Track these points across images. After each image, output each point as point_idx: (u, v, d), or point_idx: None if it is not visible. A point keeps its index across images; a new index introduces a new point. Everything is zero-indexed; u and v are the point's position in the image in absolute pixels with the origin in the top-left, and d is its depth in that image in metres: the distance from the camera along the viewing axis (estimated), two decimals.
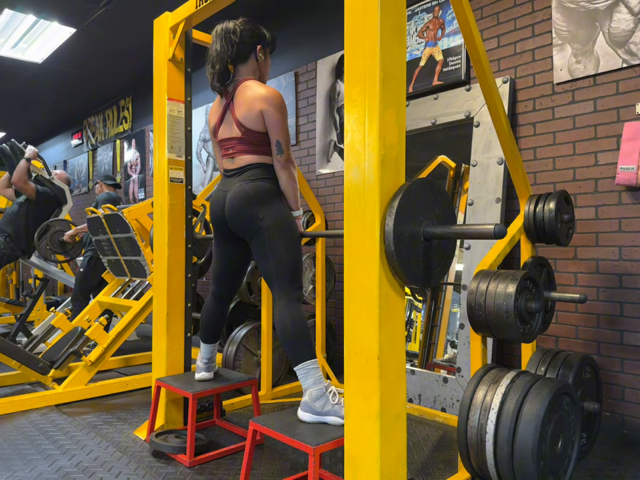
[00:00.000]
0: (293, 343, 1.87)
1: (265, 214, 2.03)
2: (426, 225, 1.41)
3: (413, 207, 1.37)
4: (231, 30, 2.07)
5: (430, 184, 1.45)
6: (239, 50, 2.07)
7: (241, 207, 2.05)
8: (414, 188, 1.37)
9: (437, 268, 1.47)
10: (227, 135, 2.13)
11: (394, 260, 1.31)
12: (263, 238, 2.02)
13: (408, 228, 1.36)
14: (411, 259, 1.37)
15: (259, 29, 2.15)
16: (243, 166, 2.09)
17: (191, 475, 2.08)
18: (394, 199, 1.33)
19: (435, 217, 1.44)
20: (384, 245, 1.32)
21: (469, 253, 2.82)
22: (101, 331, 3.13)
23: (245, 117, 2.03)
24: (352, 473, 1.38)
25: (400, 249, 1.32)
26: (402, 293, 1.39)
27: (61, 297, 6.39)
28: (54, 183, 4.63)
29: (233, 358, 3.03)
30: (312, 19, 4.15)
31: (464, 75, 3.07)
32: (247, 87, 2.05)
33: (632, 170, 2.36)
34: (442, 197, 1.49)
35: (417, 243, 1.39)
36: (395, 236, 1.30)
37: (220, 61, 2.06)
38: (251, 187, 2.05)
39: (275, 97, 2.00)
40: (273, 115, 2.00)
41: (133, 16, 4.52)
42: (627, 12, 2.43)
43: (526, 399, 1.54)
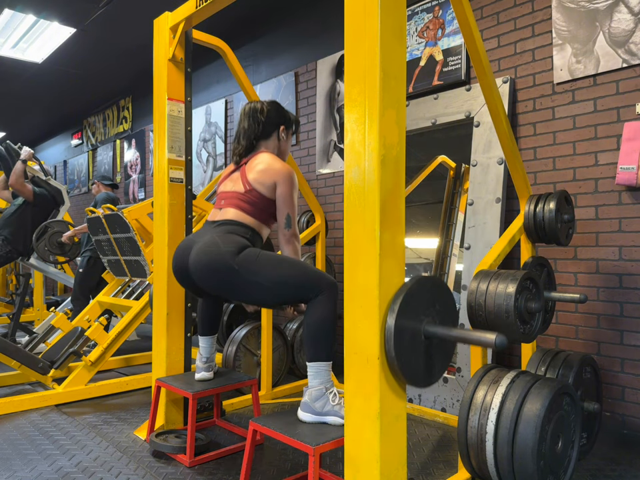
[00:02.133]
0: (311, 339, 1.82)
1: (239, 261, 1.85)
2: (427, 322, 1.39)
3: (414, 306, 1.35)
4: (258, 110, 2.18)
5: (431, 280, 1.43)
6: (264, 128, 2.18)
7: (208, 259, 1.88)
8: (415, 288, 1.35)
9: (438, 365, 1.46)
10: (228, 189, 2.14)
11: (395, 365, 1.30)
12: (243, 277, 1.84)
13: (408, 328, 1.34)
14: (412, 361, 1.36)
15: (284, 112, 2.26)
16: (225, 219, 2.03)
17: (191, 475, 2.08)
18: (395, 300, 1.32)
19: (435, 312, 1.42)
20: (384, 347, 1.31)
21: (469, 253, 2.82)
22: (101, 330, 3.13)
23: (256, 180, 2.05)
24: (352, 472, 1.38)
25: (400, 352, 1.31)
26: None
27: (61, 297, 6.40)
28: (50, 184, 4.62)
29: (232, 358, 3.03)
30: (312, 19, 4.15)
31: (464, 75, 3.07)
32: (263, 157, 2.11)
33: (632, 170, 2.36)
34: (442, 291, 1.47)
35: (417, 343, 1.38)
36: (395, 338, 1.29)
37: (247, 138, 2.17)
38: (223, 238, 1.92)
39: (291, 173, 2.07)
40: (286, 189, 2.04)
41: (132, 16, 4.52)
42: (627, 12, 2.43)
43: (526, 399, 1.54)
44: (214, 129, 5.23)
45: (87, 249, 4.33)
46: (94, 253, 4.23)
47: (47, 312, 5.45)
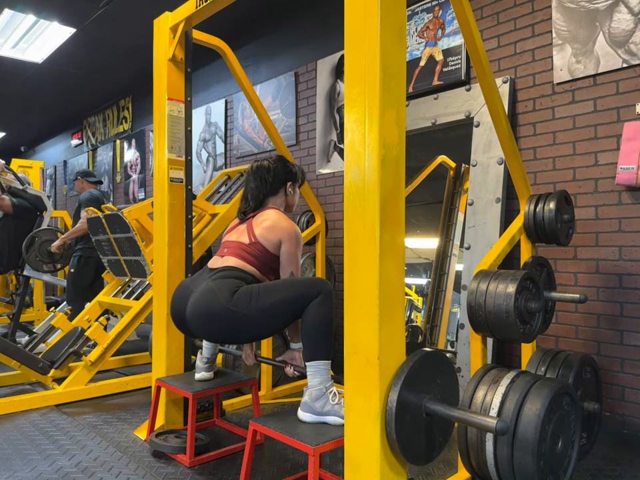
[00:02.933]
0: (310, 339, 1.84)
1: (234, 301, 1.85)
2: (428, 399, 1.39)
3: (416, 384, 1.35)
4: (265, 169, 2.23)
5: (432, 356, 1.43)
6: (271, 187, 2.23)
7: (204, 308, 1.89)
8: (418, 365, 1.35)
9: (439, 438, 1.46)
10: (233, 239, 2.16)
11: (396, 447, 1.31)
12: (241, 316, 1.84)
13: (410, 407, 1.34)
14: (413, 440, 1.36)
15: (291, 167, 2.30)
16: (225, 266, 2.03)
17: (191, 475, 2.08)
18: (397, 379, 1.32)
19: (437, 388, 1.42)
20: (385, 429, 1.31)
21: (469, 253, 2.82)
22: (101, 330, 3.13)
23: (262, 235, 2.07)
24: (352, 473, 1.38)
25: (402, 432, 1.31)
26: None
27: (61, 297, 6.39)
28: (29, 192, 4.58)
29: (233, 358, 3.03)
30: (312, 19, 4.15)
31: (464, 75, 3.07)
32: (270, 214, 2.13)
33: (632, 170, 2.36)
34: (444, 366, 1.46)
35: (418, 421, 1.38)
36: (396, 420, 1.29)
37: (255, 198, 2.21)
38: (219, 284, 1.92)
39: (297, 232, 2.10)
40: (291, 248, 2.07)
41: (132, 16, 4.52)
42: (627, 12, 2.43)
43: (526, 399, 1.54)
44: (214, 129, 5.23)
45: (77, 249, 4.28)
46: (84, 252, 4.20)
47: (46, 312, 5.44)
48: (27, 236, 4.37)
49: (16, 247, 4.44)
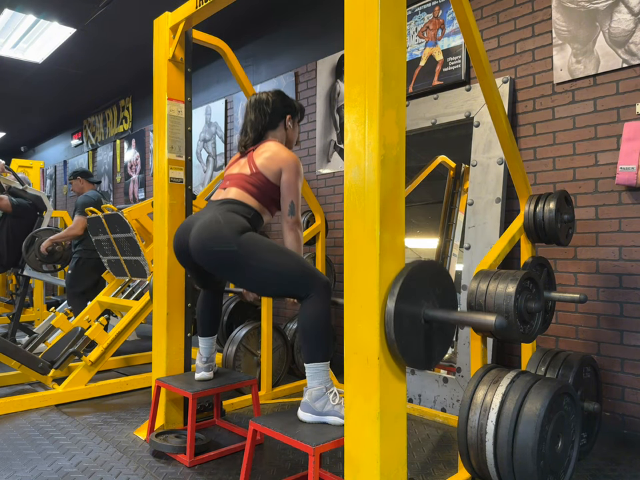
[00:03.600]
0: (307, 341, 1.82)
1: (239, 242, 1.87)
2: (426, 306, 1.40)
3: (414, 289, 1.36)
4: (264, 101, 2.22)
5: (430, 265, 1.44)
6: (270, 119, 2.22)
7: (208, 236, 1.89)
8: (415, 272, 1.36)
9: (438, 348, 1.47)
10: (235, 171, 2.17)
11: (395, 348, 1.31)
12: (241, 259, 1.85)
13: (408, 312, 1.35)
14: (412, 344, 1.37)
15: (289, 100, 2.29)
16: (228, 198, 2.05)
17: (191, 475, 2.08)
18: (395, 284, 1.33)
19: (435, 297, 1.44)
20: (384, 330, 1.32)
21: (469, 253, 2.82)
22: (101, 330, 3.13)
23: (263, 165, 2.08)
24: (352, 473, 1.38)
25: (400, 335, 1.32)
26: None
27: (61, 297, 6.39)
28: (28, 192, 4.58)
29: (232, 358, 3.03)
30: (312, 19, 4.16)
31: (464, 75, 3.07)
32: (270, 145, 2.15)
33: (632, 170, 2.36)
34: (442, 276, 1.48)
35: (417, 326, 1.39)
36: (395, 322, 1.30)
37: (254, 130, 2.20)
38: (226, 216, 1.94)
39: (297, 162, 2.11)
40: (291, 177, 2.07)
41: (132, 16, 4.52)
42: (627, 12, 2.43)
43: (526, 399, 1.54)
44: (214, 129, 5.23)
45: (75, 251, 4.28)
46: (83, 254, 4.19)
47: (46, 312, 5.44)
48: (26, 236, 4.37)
49: (15, 247, 4.44)
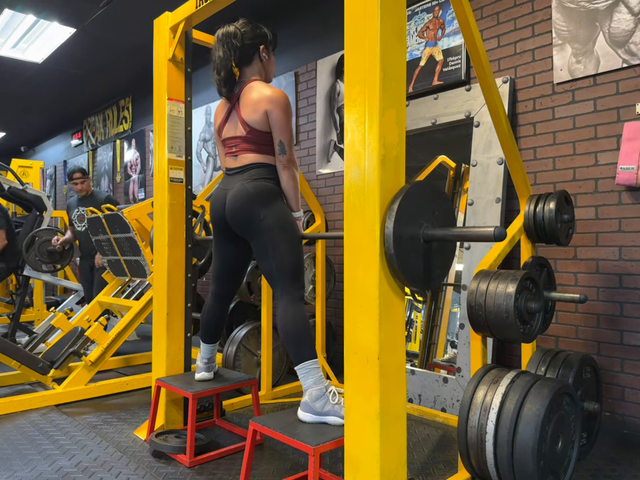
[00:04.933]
0: (294, 342, 1.87)
1: (267, 214, 2.02)
2: (425, 227, 1.41)
3: (413, 209, 1.37)
4: (232, 34, 2.07)
5: (429, 186, 1.45)
6: (241, 53, 2.09)
7: (242, 207, 2.04)
8: (413, 191, 1.37)
9: (437, 270, 1.47)
10: (232, 134, 2.15)
11: (394, 262, 1.31)
12: (265, 238, 2.02)
13: (407, 230, 1.35)
14: (411, 262, 1.37)
15: (260, 29, 2.15)
16: (245, 164, 2.10)
17: (191, 475, 2.08)
18: (393, 202, 1.33)
19: (434, 219, 1.44)
20: (384, 247, 1.32)
21: (469, 253, 2.82)
22: (101, 330, 3.13)
23: (250, 117, 2.05)
24: (352, 473, 1.38)
25: (400, 251, 1.32)
26: (402, 294, 1.39)
27: (61, 297, 6.39)
28: (28, 192, 4.57)
29: (232, 358, 3.03)
30: (312, 19, 4.15)
31: (464, 75, 3.07)
32: (252, 87, 2.08)
33: (632, 170, 2.36)
34: (441, 199, 1.49)
35: (416, 246, 1.39)
36: (394, 239, 1.30)
37: (224, 67, 2.07)
38: (253, 186, 2.05)
39: (281, 97, 2.02)
40: (278, 115, 2.02)
41: (132, 16, 4.52)
42: (627, 12, 2.43)
43: (526, 399, 1.54)
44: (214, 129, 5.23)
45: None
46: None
47: (47, 312, 5.44)
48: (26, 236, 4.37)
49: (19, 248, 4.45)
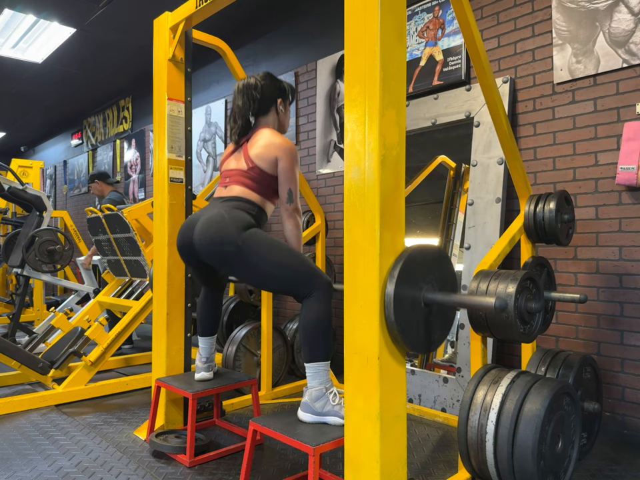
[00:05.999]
0: (308, 340, 1.82)
1: (244, 239, 1.88)
2: (426, 290, 1.40)
3: (413, 273, 1.36)
4: (252, 86, 2.15)
5: (430, 249, 1.44)
6: (260, 104, 2.16)
7: (214, 232, 1.91)
8: (414, 255, 1.36)
9: (438, 332, 1.47)
10: (232, 167, 2.16)
11: (394, 329, 1.31)
12: (244, 255, 1.87)
13: (408, 295, 1.35)
14: (412, 327, 1.37)
15: (279, 83, 2.23)
16: (232, 195, 2.06)
17: (191, 475, 2.08)
18: (394, 267, 1.33)
19: (435, 280, 1.43)
20: (384, 313, 1.32)
21: (469, 253, 2.82)
22: (101, 330, 3.13)
23: (258, 156, 2.07)
24: (352, 472, 1.38)
25: (400, 317, 1.32)
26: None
27: (61, 297, 6.40)
28: (28, 192, 4.57)
29: (232, 358, 3.03)
30: (312, 19, 4.15)
31: (464, 75, 3.07)
32: (263, 133, 2.12)
33: (632, 170, 2.36)
34: (442, 260, 1.48)
35: (417, 310, 1.39)
36: (395, 304, 1.30)
37: (242, 116, 2.15)
38: (229, 213, 1.95)
39: (292, 148, 2.07)
40: (287, 164, 2.05)
41: (132, 16, 4.52)
42: (627, 12, 2.43)
43: (526, 399, 1.54)
44: (214, 129, 5.23)
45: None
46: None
47: (46, 312, 5.45)
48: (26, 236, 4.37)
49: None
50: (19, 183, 4.54)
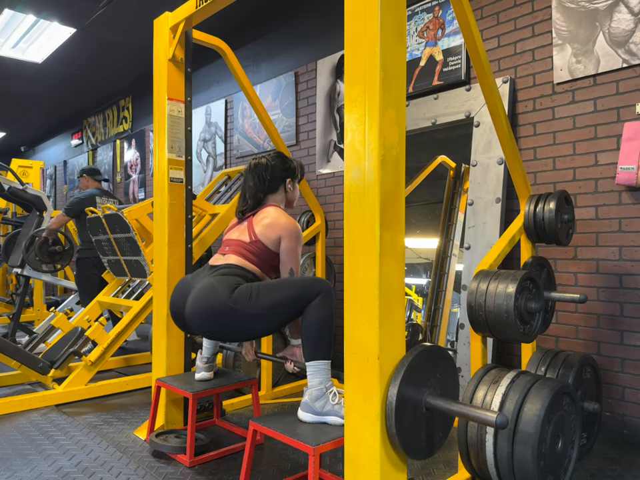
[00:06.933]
0: (309, 339, 1.83)
1: (233, 299, 1.85)
2: (428, 394, 1.39)
3: (415, 379, 1.35)
4: (263, 166, 2.20)
5: (431, 350, 1.42)
6: (270, 184, 2.21)
7: (204, 308, 1.88)
8: (417, 360, 1.35)
9: (439, 434, 1.46)
10: (234, 237, 2.16)
11: (396, 440, 1.30)
12: (240, 315, 1.85)
13: (410, 401, 1.34)
14: (413, 435, 1.36)
15: (289, 163, 2.27)
16: (227, 263, 2.05)
17: (191, 475, 2.08)
18: (395, 376, 1.32)
19: (436, 381, 1.42)
20: (385, 424, 1.31)
21: (469, 253, 2.82)
22: (101, 330, 3.13)
23: (262, 233, 2.07)
24: (352, 472, 1.38)
25: (402, 428, 1.31)
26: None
27: (61, 297, 6.39)
28: (28, 192, 4.57)
29: (233, 358, 3.03)
30: (312, 19, 4.15)
31: (464, 75, 3.07)
32: (270, 211, 2.13)
33: (632, 170, 2.36)
34: (444, 361, 1.46)
35: (418, 415, 1.38)
36: (396, 415, 1.29)
37: (253, 196, 2.19)
38: (219, 280, 1.93)
39: (296, 229, 2.10)
40: (291, 244, 2.07)
41: (133, 16, 4.52)
42: (627, 12, 2.43)
43: (526, 399, 1.54)
44: (214, 129, 5.23)
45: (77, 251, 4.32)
46: (81, 254, 4.22)
47: (46, 312, 5.44)
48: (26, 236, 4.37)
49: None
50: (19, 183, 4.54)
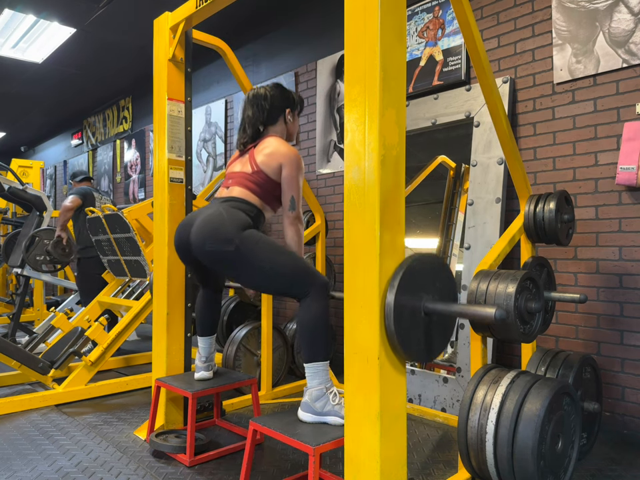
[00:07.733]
0: (306, 340, 1.83)
1: (241, 238, 1.87)
2: (426, 300, 1.40)
3: (413, 283, 1.36)
4: (262, 96, 2.20)
5: (430, 258, 1.44)
6: (269, 114, 2.20)
7: (211, 229, 1.90)
8: (414, 265, 1.36)
9: (438, 341, 1.47)
10: (237, 169, 2.18)
11: (394, 338, 1.31)
12: (241, 254, 1.86)
13: (408, 305, 1.35)
14: (411, 336, 1.37)
15: (288, 93, 2.27)
16: (232, 196, 2.08)
17: (191, 475, 2.08)
18: (394, 277, 1.33)
19: (435, 290, 1.44)
20: (384, 324, 1.32)
21: (469, 253, 2.82)
22: (101, 330, 3.13)
23: (263, 162, 2.09)
24: (352, 472, 1.38)
25: (400, 327, 1.32)
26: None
27: (61, 297, 6.40)
28: (28, 192, 4.57)
29: (233, 358, 3.03)
30: (312, 19, 4.15)
31: (464, 75, 3.07)
32: (270, 141, 2.14)
33: (632, 170, 2.36)
34: (442, 270, 1.48)
35: (417, 319, 1.39)
36: (394, 315, 1.30)
37: (252, 125, 2.19)
38: (228, 211, 1.96)
39: (297, 156, 2.10)
40: (291, 172, 2.08)
41: (133, 16, 4.52)
42: (627, 12, 2.43)
43: (526, 399, 1.54)
44: (214, 129, 5.23)
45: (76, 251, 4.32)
46: (83, 254, 4.23)
47: (46, 312, 5.44)
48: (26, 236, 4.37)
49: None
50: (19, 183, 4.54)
